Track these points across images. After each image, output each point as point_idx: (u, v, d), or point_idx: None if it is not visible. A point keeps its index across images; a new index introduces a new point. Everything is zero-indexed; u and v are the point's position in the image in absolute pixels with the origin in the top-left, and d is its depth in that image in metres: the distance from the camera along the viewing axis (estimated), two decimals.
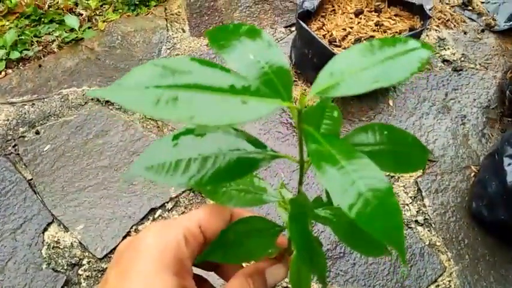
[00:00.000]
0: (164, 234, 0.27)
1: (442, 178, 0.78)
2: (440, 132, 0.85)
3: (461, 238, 0.72)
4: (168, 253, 0.26)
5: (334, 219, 0.26)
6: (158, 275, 0.25)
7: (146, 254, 0.26)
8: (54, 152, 0.79)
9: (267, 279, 0.29)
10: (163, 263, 0.25)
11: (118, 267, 0.26)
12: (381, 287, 0.67)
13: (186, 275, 0.26)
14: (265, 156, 0.21)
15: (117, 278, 0.26)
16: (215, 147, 0.21)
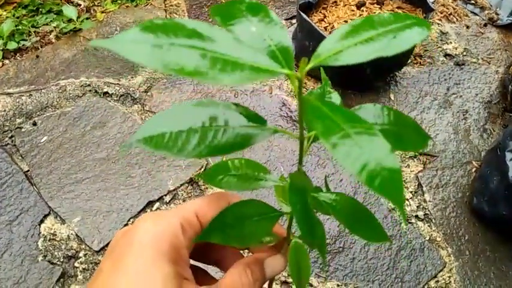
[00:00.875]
0: (160, 222, 0.26)
1: (443, 173, 0.78)
2: (442, 127, 0.84)
3: (462, 234, 0.71)
4: (164, 241, 0.25)
5: (335, 204, 0.26)
6: (154, 263, 0.24)
7: (142, 242, 0.25)
8: (51, 143, 0.78)
9: (265, 270, 0.29)
10: (159, 250, 0.25)
11: (112, 256, 0.25)
12: (380, 282, 0.66)
13: (182, 264, 0.25)
14: (264, 130, 0.21)
15: (112, 266, 0.25)
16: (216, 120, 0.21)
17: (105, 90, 0.87)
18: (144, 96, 0.86)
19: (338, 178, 0.76)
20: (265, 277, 0.29)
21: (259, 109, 0.85)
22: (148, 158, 0.77)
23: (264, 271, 0.28)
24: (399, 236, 0.70)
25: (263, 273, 0.28)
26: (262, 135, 0.21)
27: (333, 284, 0.66)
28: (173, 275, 0.24)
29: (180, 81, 0.88)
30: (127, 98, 0.86)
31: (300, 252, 0.29)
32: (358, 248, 0.69)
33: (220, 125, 0.20)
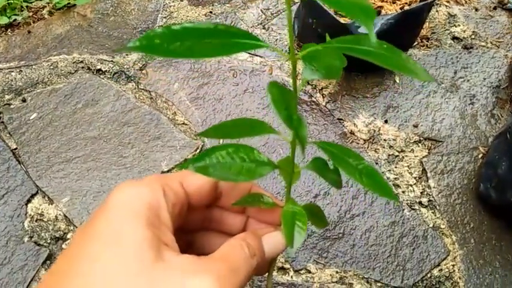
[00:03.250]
0: (138, 185, 0.23)
1: (448, 159, 0.75)
2: (448, 112, 0.81)
3: (467, 221, 0.68)
4: (140, 202, 0.22)
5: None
6: (127, 225, 0.22)
7: (115, 205, 0.22)
8: (41, 120, 0.75)
9: (264, 247, 0.26)
10: (134, 212, 0.22)
11: (84, 225, 0.23)
12: (381, 269, 0.63)
13: (162, 228, 0.23)
14: (254, 43, 0.22)
15: (82, 234, 0.23)
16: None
17: (99, 68, 0.83)
18: (138, 74, 0.83)
19: None
20: (265, 254, 0.26)
21: (258, 89, 0.81)
22: (142, 138, 0.74)
23: (263, 247, 0.26)
24: (402, 223, 0.67)
25: (261, 249, 0.26)
26: (252, 46, 0.22)
27: (332, 271, 0.63)
28: (149, 238, 0.21)
29: (176, 59, 0.85)
30: (121, 75, 0.83)
31: (294, 209, 0.27)
32: (358, 234, 0.66)
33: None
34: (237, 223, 0.30)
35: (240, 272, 0.23)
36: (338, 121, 0.78)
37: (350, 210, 0.68)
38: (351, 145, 0.75)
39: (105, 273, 0.21)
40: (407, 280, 0.63)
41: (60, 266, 0.22)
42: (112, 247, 0.21)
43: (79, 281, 0.21)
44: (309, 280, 0.62)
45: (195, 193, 0.26)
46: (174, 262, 0.22)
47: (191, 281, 0.22)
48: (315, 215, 0.31)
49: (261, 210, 0.29)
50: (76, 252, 0.22)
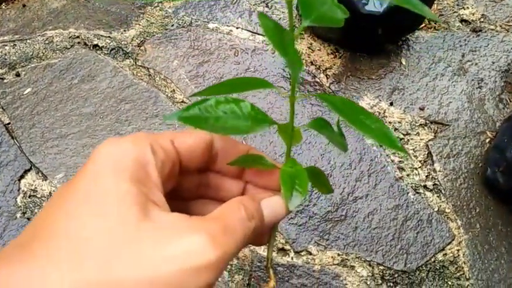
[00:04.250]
0: (122, 141, 0.21)
1: (454, 143, 0.72)
2: (455, 95, 0.78)
3: (473, 206, 0.66)
4: (126, 157, 0.20)
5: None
6: (109, 177, 0.20)
7: (97, 160, 0.20)
8: (35, 95, 0.73)
9: (263, 211, 0.24)
10: (117, 165, 0.20)
11: (65, 183, 0.21)
12: (384, 253, 0.62)
13: (150, 185, 0.21)
14: None
15: (61, 189, 0.20)
16: None
17: (95, 43, 0.81)
18: (136, 51, 0.80)
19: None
20: (264, 219, 0.24)
21: (260, 69, 0.79)
22: (140, 115, 0.71)
23: (261, 211, 0.24)
24: (406, 206, 0.65)
25: (260, 212, 0.23)
26: None
27: (333, 253, 0.61)
28: (133, 194, 0.19)
29: (175, 36, 0.82)
30: (118, 51, 0.80)
31: (295, 168, 0.25)
32: (361, 217, 0.64)
33: None
34: (234, 189, 0.28)
35: (236, 233, 0.21)
36: None
37: (353, 192, 0.66)
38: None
39: (82, 232, 0.19)
40: (411, 264, 0.61)
41: (33, 226, 0.20)
42: (91, 203, 0.19)
43: (53, 242, 0.19)
44: (310, 262, 0.60)
45: (187, 152, 0.24)
46: (162, 220, 0.20)
47: (181, 240, 0.19)
48: (318, 179, 0.29)
49: (260, 174, 0.27)
50: (51, 211, 0.20)
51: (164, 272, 0.18)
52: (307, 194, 0.25)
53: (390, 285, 0.60)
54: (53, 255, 0.18)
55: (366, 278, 0.60)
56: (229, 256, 0.21)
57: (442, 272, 0.61)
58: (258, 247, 0.61)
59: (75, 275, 0.18)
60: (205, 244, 0.19)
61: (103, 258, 0.18)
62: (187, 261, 0.19)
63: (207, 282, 0.19)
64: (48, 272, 0.18)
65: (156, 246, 0.19)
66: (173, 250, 0.19)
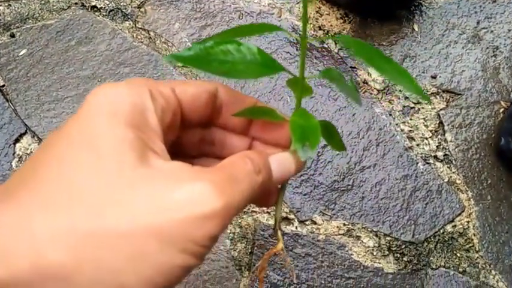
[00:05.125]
0: (118, 85, 0.19)
1: (467, 112, 0.70)
2: (469, 63, 0.75)
3: (484, 177, 0.64)
4: (121, 100, 0.18)
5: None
6: (104, 121, 0.17)
7: (90, 103, 0.18)
8: (31, 57, 0.70)
9: (271, 166, 0.22)
10: (113, 109, 0.17)
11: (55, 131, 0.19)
12: (391, 223, 0.60)
13: (149, 133, 0.18)
14: None
15: (51, 136, 0.18)
16: None
17: (93, 4, 0.77)
18: (136, 12, 0.77)
19: (351, 112, 0.68)
20: (272, 175, 0.22)
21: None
22: None
23: (269, 166, 0.21)
24: (415, 177, 0.63)
25: (267, 167, 0.21)
26: None
27: (339, 223, 0.59)
28: (130, 139, 0.17)
29: None
30: (117, 13, 0.76)
31: (306, 116, 0.23)
32: (368, 187, 0.62)
33: None
34: (239, 146, 0.26)
35: (242, 185, 0.19)
36: (351, 69, 0.72)
37: (360, 162, 0.64)
38: (364, 95, 0.70)
39: (73, 176, 0.17)
40: (419, 235, 0.59)
41: (21, 172, 0.18)
42: (83, 148, 0.17)
43: (41, 187, 0.16)
44: (315, 231, 0.58)
45: (189, 102, 0.22)
46: (162, 168, 0.18)
47: (182, 188, 0.17)
48: (331, 134, 0.26)
49: (267, 129, 0.25)
50: (40, 156, 0.18)
51: (163, 220, 0.16)
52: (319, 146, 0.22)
53: (397, 256, 0.58)
54: (40, 201, 0.16)
55: (372, 249, 0.58)
56: (235, 208, 0.18)
57: (451, 244, 0.59)
58: (261, 216, 0.59)
59: (62, 221, 0.16)
60: (209, 192, 0.17)
61: (95, 204, 0.16)
62: (189, 210, 0.17)
63: (211, 233, 0.17)
64: (34, 218, 0.16)
65: (154, 193, 0.17)
66: (173, 198, 0.17)
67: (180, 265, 0.17)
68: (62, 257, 0.15)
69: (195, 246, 0.17)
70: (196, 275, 0.54)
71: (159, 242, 0.16)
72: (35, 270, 0.15)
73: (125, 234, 0.16)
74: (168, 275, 0.16)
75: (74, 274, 0.15)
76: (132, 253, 0.16)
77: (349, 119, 0.68)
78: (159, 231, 0.16)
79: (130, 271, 0.16)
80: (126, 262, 0.16)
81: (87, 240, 0.16)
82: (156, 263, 0.16)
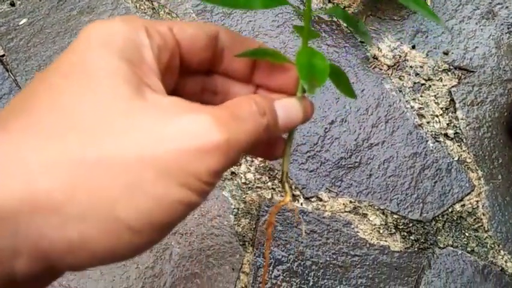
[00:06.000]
0: (113, 20, 0.18)
1: (479, 90, 0.68)
2: (482, 40, 0.72)
3: (495, 156, 0.63)
4: (117, 34, 0.16)
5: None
6: (97, 53, 0.16)
7: (82, 37, 0.17)
8: (32, 27, 0.68)
9: (277, 112, 0.20)
10: (107, 41, 0.16)
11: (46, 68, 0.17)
12: (399, 201, 0.58)
13: (144, 68, 0.17)
14: None
15: (43, 70, 0.17)
16: None
17: None
18: None
19: (360, 88, 0.66)
20: (278, 120, 0.20)
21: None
22: None
23: (275, 110, 0.20)
24: (424, 154, 0.61)
25: (273, 111, 0.20)
26: None
27: (345, 200, 0.58)
28: (125, 72, 0.16)
29: None
30: None
31: (313, 52, 0.21)
32: (376, 164, 0.61)
33: None
34: (244, 94, 0.24)
35: (246, 124, 0.18)
36: (360, 44, 0.70)
37: (368, 138, 0.62)
38: (374, 70, 0.68)
39: (66, 105, 0.16)
40: (427, 214, 0.58)
41: (11, 105, 0.16)
42: (76, 79, 0.16)
43: (31, 116, 0.15)
44: (320, 208, 0.57)
45: (188, 43, 0.20)
46: (159, 101, 0.17)
47: (181, 119, 0.16)
48: (340, 78, 0.25)
49: (272, 75, 0.23)
50: (31, 88, 0.17)
51: (160, 151, 0.15)
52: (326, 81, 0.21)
53: (404, 235, 0.57)
54: (31, 130, 0.15)
55: (378, 227, 0.57)
56: (238, 146, 0.17)
57: (460, 223, 0.58)
58: (266, 191, 0.58)
59: (54, 149, 0.15)
60: (210, 125, 0.16)
61: (88, 133, 0.15)
62: (187, 141, 0.16)
63: (211, 168, 0.16)
64: (24, 146, 0.15)
65: (150, 123, 0.16)
66: (172, 128, 0.16)
67: (180, 200, 0.16)
68: (53, 184, 0.14)
69: (195, 181, 0.16)
70: (199, 250, 0.53)
71: (155, 172, 0.15)
72: (24, 199, 0.14)
73: (120, 163, 0.15)
74: (167, 210, 0.16)
75: (65, 204, 0.14)
76: (127, 183, 0.15)
77: (357, 95, 0.66)
78: (155, 161, 0.15)
79: (126, 203, 0.15)
80: (121, 192, 0.15)
81: (80, 168, 0.15)
82: (153, 195, 0.15)
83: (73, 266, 0.15)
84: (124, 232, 0.15)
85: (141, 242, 0.16)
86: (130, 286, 0.51)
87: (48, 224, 0.14)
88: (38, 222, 0.14)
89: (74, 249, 0.15)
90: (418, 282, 0.54)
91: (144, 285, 0.51)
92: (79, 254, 0.15)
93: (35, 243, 0.14)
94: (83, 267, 0.16)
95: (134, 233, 0.15)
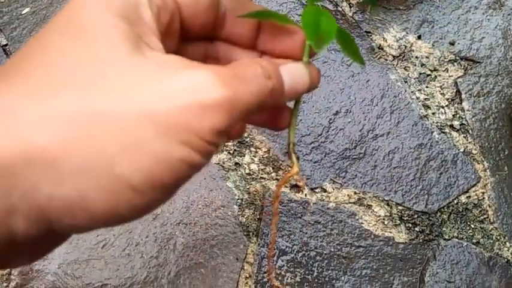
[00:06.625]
0: None
1: (486, 81, 0.67)
2: (489, 30, 0.72)
3: (501, 148, 0.62)
4: None
5: None
6: (94, 10, 0.15)
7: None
8: (34, 16, 0.67)
9: (282, 76, 0.20)
10: (104, 1, 0.16)
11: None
12: (403, 193, 0.58)
13: (142, 27, 0.16)
14: None
15: (41, 29, 0.17)
16: None
17: None
18: None
19: (365, 78, 0.65)
20: (283, 84, 0.20)
21: None
22: None
23: (280, 75, 0.19)
24: (430, 146, 0.61)
25: (278, 75, 0.19)
26: None
27: (350, 192, 0.58)
28: (123, 29, 0.15)
29: None
30: None
31: (319, 11, 0.20)
32: (381, 155, 0.60)
33: None
34: None
35: (250, 84, 0.17)
36: (366, 34, 0.69)
37: (373, 129, 0.62)
38: (379, 61, 0.67)
39: (62, 60, 0.15)
40: (432, 205, 0.58)
41: (5, 65, 0.16)
42: (73, 36, 0.15)
43: (26, 72, 0.15)
44: (324, 199, 0.57)
45: (189, 6, 0.20)
46: (159, 58, 0.16)
47: (181, 74, 0.16)
48: (348, 42, 0.24)
49: (277, 39, 0.22)
50: (27, 48, 0.16)
51: (160, 107, 0.15)
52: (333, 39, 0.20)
53: (409, 226, 0.57)
54: (25, 87, 0.15)
55: (383, 218, 0.57)
56: (241, 105, 0.16)
57: (465, 215, 0.58)
58: (270, 182, 0.58)
59: (49, 104, 0.14)
60: (212, 81, 0.16)
61: (84, 88, 0.15)
62: (190, 97, 0.15)
63: (213, 125, 0.15)
64: (18, 102, 0.14)
65: (151, 79, 0.15)
66: (172, 84, 0.15)
67: (182, 159, 0.15)
68: (48, 139, 0.14)
69: (197, 139, 0.15)
70: (203, 240, 0.53)
71: (154, 129, 0.15)
72: (18, 154, 0.13)
73: (117, 118, 0.14)
74: (169, 169, 0.15)
75: (62, 159, 0.14)
76: (125, 139, 0.14)
77: (362, 86, 0.65)
78: (155, 117, 0.15)
79: (124, 160, 0.14)
80: (118, 148, 0.14)
81: (75, 123, 0.14)
82: (152, 152, 0.15)
83: (73, 227, 0.15)
84: (124, 191, 0.14)
85: (142, 203, 0.15)
86: (135, 275, 0.51)
87: (45, 179, 0.14)
88: (34, 177, 0.13)
89: (73, 208, 0.14)
90: (422, 273, 0.54)
91: (149, 275, 0.51)
92: (78, 214, 0.14)
93: (31, 200, 0.14)
94: (84, 228, 0.15)
95: (135, 193, 0.15)
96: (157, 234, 0.53)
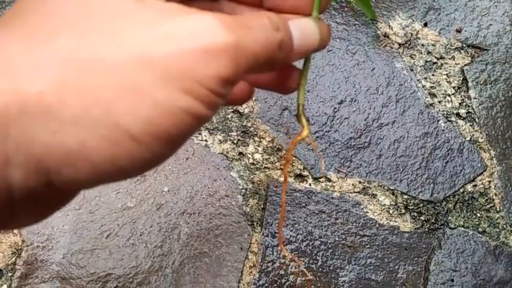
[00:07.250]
0: None
1: (493, 68, 0.66)
2: (497, 17, 0.70)
3: (508, 136, 0.61)
4: None
5: None
6: None
7: None
8: None
9: (292, 32, 0.19)
10: None
11: None
12: (409, 181, 0.58)
13: None
14: None
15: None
16: None
17: None
18: None
19: (370, 67, 0.65)
20: (292, 38, 0.19)
21: None
22: None
23: (289, 29, 0.18)
24: (436, 134, 0.60)
25: (287, 28, 0.18)
26: None
27: (355, 181, 0.57)
28: None
29: None
30: None
31: None
32: (386, 144, 0.60)
33: None
34: None
35: (257, 33, 0.16)
36: (371, 22, 0.68)
37: (378, 118, 0.61)
38: (384, 49, 0.66)
39: (59, 9, 0.14)
40: (438, 194, 0.57)
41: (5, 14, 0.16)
42: None
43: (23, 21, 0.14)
44: (329, 189, 0.57)
45: None
46: (158, 4, 0.15)
47: (184, 19, 0.15)
48: None
49: None
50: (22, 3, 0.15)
51: (160, 52, 0.14)
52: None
53: (414, 215, 0.56)
54: (19, 33, 0.14)
55: (388, 207, 0.56)
56: (247, 54, 0.16)
57: (471, 204, 0.57)
58: (274, 172, 0.57)
59: (44, 50, 0.14)
60: (216, 25, 0.15)
61: (79, 33, 0.14)
62: (192, 41, 0.14)
63: (217, 73, 0.15)
64: (11, 48, 0.14)
65: (149, 22, 0.14)
66: (173, 27, 0.14)
67: (185, 109, 0.14)
68: (43, 86, 0.13)
69: (201, 88, 0.14)
70: (207, 229, 0.53)
71: (152, 74, 0.14)
72: (12, 101, 0.13)
73: (114, 63, 0.14)
74: (170, 119, 0.14)
75: (58, 107, 0.13)
76: (123, 85, 0.14)
77: (367, 74, 0.64)
78: (154, 63, 0.14)
79: (123, 107, 0.14)
80: (117, 95, 0.14)
81: (71, 69, 0.13)
82: (151, 100, 0.14)
83: (75, 180, 0.14)
84: (123, 140, 0.14)
85: (143, 155, 0.14)
86: (139, 265, 0.51)
87: (40, 128, 0.13)
88: (29, 125, 0.13)
89: (72, 159, 0.13)
90: (428, 262, 0.54)
91: (153, 264, 0.51)
92: (78, 164, 0.14)
93: (27, 149, 0.13)
94: (87, 182, 0.14)
95: (135, 143, 0.14)
96: (162, 224, 0.53)
